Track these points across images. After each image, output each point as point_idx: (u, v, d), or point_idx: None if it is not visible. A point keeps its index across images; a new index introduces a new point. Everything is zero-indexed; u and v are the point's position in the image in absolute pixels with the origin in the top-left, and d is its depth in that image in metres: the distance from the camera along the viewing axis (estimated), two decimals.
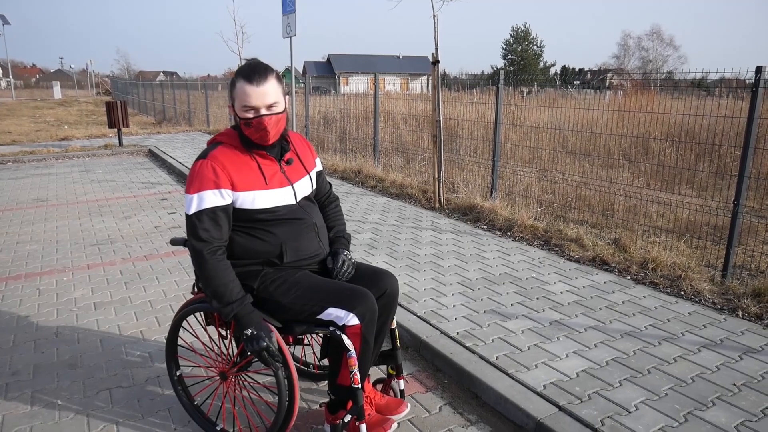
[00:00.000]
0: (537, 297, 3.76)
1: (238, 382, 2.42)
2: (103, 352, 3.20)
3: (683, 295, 3.81)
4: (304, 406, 2.65)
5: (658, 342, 3.11)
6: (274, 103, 2.11)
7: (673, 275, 4.07)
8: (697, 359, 2.92)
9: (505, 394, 2.61)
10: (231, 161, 2.15)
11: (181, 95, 20.47)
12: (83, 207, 6.94)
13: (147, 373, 2.96)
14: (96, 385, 2.85)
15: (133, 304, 3.90)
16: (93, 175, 9.33)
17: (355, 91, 18.35)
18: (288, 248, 2.21)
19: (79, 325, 3.57)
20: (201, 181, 2.10)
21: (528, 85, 13.09)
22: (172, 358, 2.49)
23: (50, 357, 3.15)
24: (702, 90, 8.24)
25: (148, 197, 7.52)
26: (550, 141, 8.03)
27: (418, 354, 3.19)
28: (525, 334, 3.20)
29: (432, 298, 3.74)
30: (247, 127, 2.12)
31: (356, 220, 5.85)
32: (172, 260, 4.81)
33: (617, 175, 7.41)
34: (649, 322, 3.38)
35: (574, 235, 4.98)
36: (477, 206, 6.00)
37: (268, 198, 2.18)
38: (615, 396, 2.58)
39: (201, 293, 2.41)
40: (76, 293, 4.10)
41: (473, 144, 8.29)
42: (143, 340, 3.35)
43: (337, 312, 2.12)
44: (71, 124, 19.60)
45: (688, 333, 3.23)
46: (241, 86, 2.09)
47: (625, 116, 7.50)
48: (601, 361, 2.90)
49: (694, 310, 3.57)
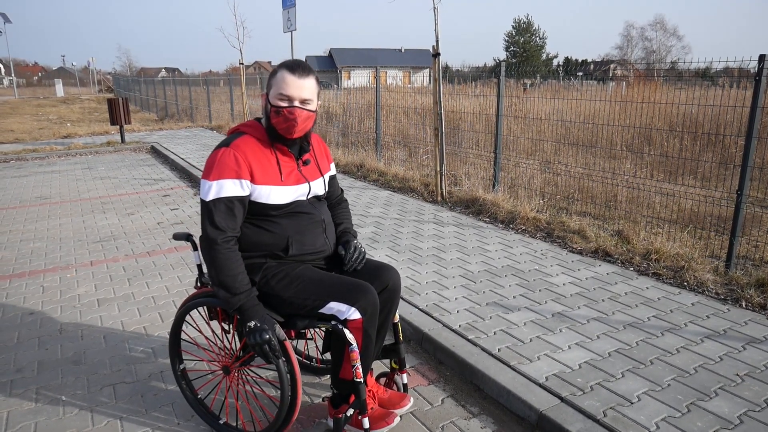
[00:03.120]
0: (539, 289, 3.76)
1: (241, 377, 2.43)
2: (106, 348, 3.22)
3: (686, 285, 3.80)
4: (306, 400, 2.66)
5: (660, 333, 3.11)
6: (308, 100, 2.15)
7: (677, 266, 4.06)
8: (700, 350, 2.92)
9: (507, 386, 2.61)
10: (253, 152, 2.15)
11: (182, 91, 20.48)
12: (86, 204, 6.96)
13: (150, 369, 2.98)
14: (100, 381, 2.87)
15: (136, 300, 3.91)
16: (96, 172, 9.35)
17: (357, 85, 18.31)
18: (294, 241, 2.22)
19: (83, 321, 3.59)
20: (222, 169, 2.09)
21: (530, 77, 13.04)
22: (175, 352, 2.50)
23: (54, 353, 3.17)
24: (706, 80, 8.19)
25: (150, 194, 7.53)
26: (553, 133, 8.00)
27: (420, 347, 3.20)
28: (527, 326, 3.20)
29: (434, 291, 3.75)
30: (276, 116, 2.13)
31: (359, 214, 5.85)
32: (175, 256, 4.83)
33: (620, 167, 7.39)
34: (651, 313, 3.38)
35: (576, 227, 4.97)
36: (479, 199, 6.00)
37: (283, 194, 2.19)
38: (617, 387, 2.58)
39: (204, 288, 2.42)
40: (80, 290, 4.12)
41: (475, 137, 8.27)
42: (146, 336, 3.36)
43: (339, 306, 2.12)
44: (74, 121, 19.64)
45: (691, 324, 3.23)
46: (282, 74, 2.12)
47: (628, 107, 7.47)
48: (603, 352, 2.90)
49: (698, 300, 3.56)
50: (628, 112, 7.67)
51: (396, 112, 10.96)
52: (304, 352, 2.95)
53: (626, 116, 7.88)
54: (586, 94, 7.73)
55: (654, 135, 8.05)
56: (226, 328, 2.40)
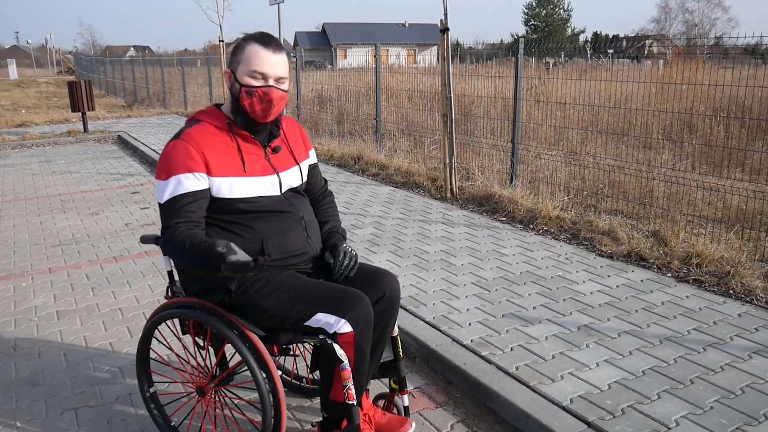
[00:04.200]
0: (563, 298, 3.76)
1: (219, 399, 2.44)
2: (67, 367, 3.23)
3: (732, 294, 3.81)
4: (296, 426, 2.67)
5: (702, 348, 3.12)
6: (282, 78, 2.17)
7: (721, 271, 4.06)
8: (748, 367, 2.92)
9: (526, 409, 2.62)
10: (208, 142, 2.16)
11: (154, 73, 20.52)
12: (44, 202, 6.99)
13: (117, 391, 2.99)
14: (60, 405, 2.88)
15: (101, 312, 3.93)
16: (54, 166, 9.38)
17: (355, 65, 18.33)
18: (270, 244, 2.21)
19: (40, 336, 3.60)
20: (173, 164, 2.12)
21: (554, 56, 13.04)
22: (143, 372, 2.51)
23: (7, 373, 3.19)
24: (756, 58, 8.18)
25: (117, 190, 7.56)
26: (580, 119, 8.01)
27: (426, 365, 3.21)
28: (549, 341, 3.21)
29: (442, 301, 3.76)
30: (248, 96, 2.13)
31: (356, 213, 5.87)
32: (145, 262, 4.85)
33: (657, 158, 7.39)
34: (692, 325, 3.38)
35: (606, 227, 4.98)
36: (494, 195, 6.01)
37: (247, 186, 2.19)
38: (652, 410, 2.58)
39: (175, 298, 2.43)
40: (36, 301, 4.14)
41: (490, 124, 8.29)
42: (113, 353, 3.38)
43: (327, 318, 2.12)
44: (29, 108, 19.71)
45: (737, 337, 3.23)
46: (253, 49, 2.12)
47: (666, 89, 7.47)
48: (636, 370, 2.90)
49: (745, 311, 3.57)
50: (666, 95, 7.67)
51: (399, 96, 10.98)
52: (293, 371, 2.96)
53: (664, 100, 7.88)
54: (617, 75, 7.74)
55: (696, 121, 8.05)
56: (200, 343, 2.41)
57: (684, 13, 54.48)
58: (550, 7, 60.69)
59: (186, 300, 2.30)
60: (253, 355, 2.12)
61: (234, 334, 2.14)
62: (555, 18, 60.19)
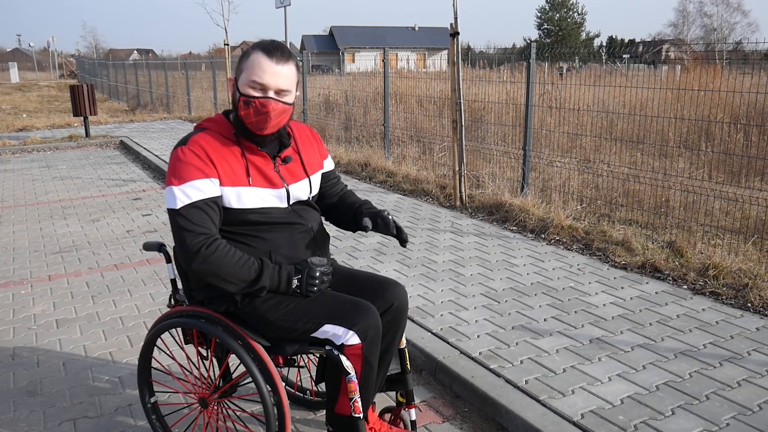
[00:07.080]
0: (575, 310, 3.76)
1: (221, 411, 2.46)
2: (66, 377, 3.26)
3: (750, 307, 3.80)
4: None
5: (719, 363, 3.11)
6: (286, 91, 2.13)
7: (739, 284, 4.05)
8: (766, 383, 2.91)
9: (535, 424, 2.62)
10: (215, 150, 2.15)
11: (158, 77, 20.67)
12: (44, 209, 7.05)
13: (117, 401, 3.01)
14: (58, 415, 2.90)
15: (102, 321, 3.96)
16: (55, 172, 9.46)
17: (362, 70, 18.40)
18: (279, 256, 2.22)
19: (39, 345, 3.64)
20: (186, 170, 2.09)
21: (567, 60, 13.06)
22: (145, 382, 2.53)
23: (5, 383, 3.21)
24: None
25: (119, 196, 7.62)
26: (594, 126, 8.00)
27: (433, 378, 3.22)
28: (560, 354, 3.21)
29: (451, 313, 3.76)
30: (245, 107, 2.11)
31: None
32: (147, 269, 4.88)
33: (673, 166, 7.37)
34: (708, 339, 3.37)
35: (620, 238, 4.97)
36: (505, 204, 6.01)
37: (255, 197, 2.18)
38: (666, 426, 2.58)
39: (178, 306, 2.45)
40: (36, 309, 4.18)
41: (501, 131, 8.30)
42: (113, 363, 3.40)
43: (334, 329, 2.13)
44: (30, 112, 19.88)
45: (755, 352, 3.22)
46: (257, 58, 2.11)
47: (683, 96, 7.47)
48: (650, 385, 2.90)
49: (763, 324, 3.55)
50: (684, 102, 7.67)
51: (408, 102, 11.01)
52: (297, 383, 2.97)
53: (681, 106, 7.88)
54: (633, 81, 7.75)
55: (714, 129, 8.03)
56: (203, 353, 2.43)
57: (702, 18, 54.31)
58: (564, 11, 60.79)
59: (190, 309, 2.32)
60: (258, 366, 2.14)
61: (239, 344, 2.16)
62: (569, 22, 60.24)
